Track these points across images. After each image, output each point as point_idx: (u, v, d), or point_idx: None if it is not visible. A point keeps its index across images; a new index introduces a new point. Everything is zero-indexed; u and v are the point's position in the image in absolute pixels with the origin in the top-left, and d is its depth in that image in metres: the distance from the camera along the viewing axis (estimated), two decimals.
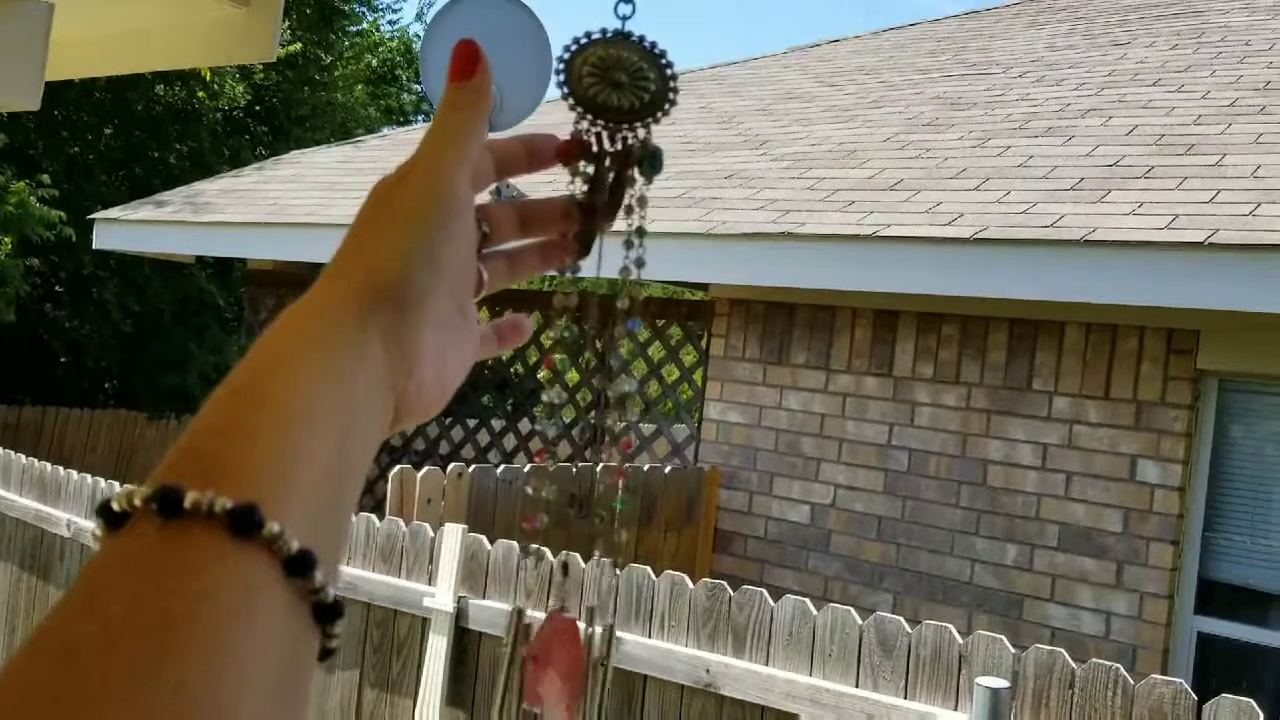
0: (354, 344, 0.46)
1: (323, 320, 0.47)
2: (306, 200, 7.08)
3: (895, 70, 7.43)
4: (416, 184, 0.52)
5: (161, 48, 1.95)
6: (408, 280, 0.49)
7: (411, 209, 0.51)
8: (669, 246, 5.08)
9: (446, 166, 0.53)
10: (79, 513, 5.09)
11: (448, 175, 0.53)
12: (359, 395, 0.46)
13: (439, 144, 0.54)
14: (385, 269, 0.49)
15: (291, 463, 0.42)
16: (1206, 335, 4.51)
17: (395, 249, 0.50)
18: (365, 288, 0.48)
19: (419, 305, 0.49)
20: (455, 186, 0.53)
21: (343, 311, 0.47)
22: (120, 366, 12.69)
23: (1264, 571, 4.55)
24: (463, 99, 0.55)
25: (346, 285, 0.48)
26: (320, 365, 0.45)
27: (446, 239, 0.51)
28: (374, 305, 0.48)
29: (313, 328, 0.47)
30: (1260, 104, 5.17)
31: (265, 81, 14.02)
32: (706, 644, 3.27)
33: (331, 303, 0.48)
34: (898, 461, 5.16)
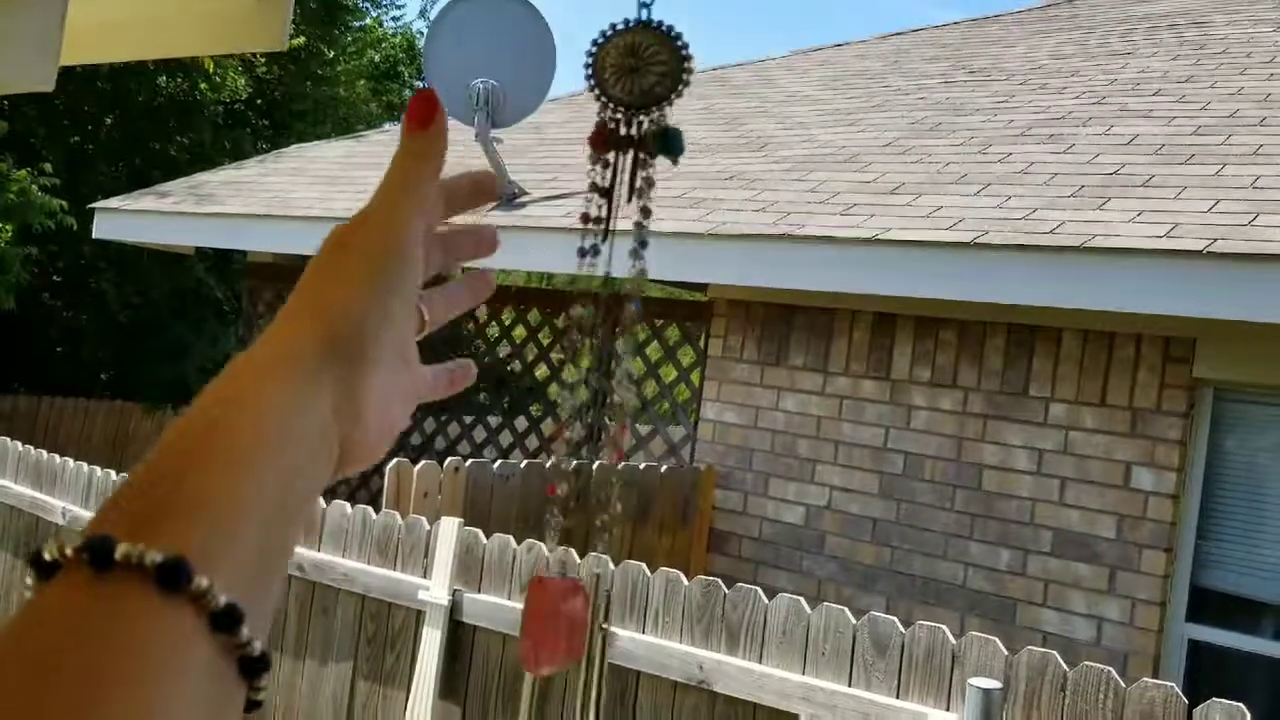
0: (310, 388, 0.48)
1: (285, 359, 0.48)
2: (308, 194, 7.09)
3: (898, 75, 7.45)
4: (372, 234, 0.53)
5: (172, 35, 1.96)
6: (362, 333, 0.50)
7: (367, 260, 0.52)
8: (669, 246, 5.09)
9: (402, 217, 0.54)
10: (75, 501, 5.10)
11: (402, 226, 0.53)
12: (311, 440, 0.47)
13: (396, 193, 0.55)
14: (342, 320, 0.50)
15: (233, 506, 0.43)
16: (1203, 344, 4.53)
17: (352, 300, 0.50)
18: (323, 336, 0.49)
19: (371, 359, 0.50)
20: (409, 238, 0.53)
21: (303, 355, 0.49)
22: (117, 357, 12.68)
23: (1256, 580, 4.57)
24: (419, 147, 0.56)
25: (306, 330, 0.50)
26: (279, 398, 0.47)
27: (399, 291, 0.52)
28: (330, 355, 0.49)
29: (275, 364, 0.48)
30: (1260, 116, 5.19)
31: (267, 75, 14.02)
32: (701, 641, 3.28)
33: (293, 345, 0.49)
34: (893, 464, 5.17)
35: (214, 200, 7.38)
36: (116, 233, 7.86)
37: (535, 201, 5.96)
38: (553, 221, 5.58)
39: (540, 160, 6.71)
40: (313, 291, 0.51)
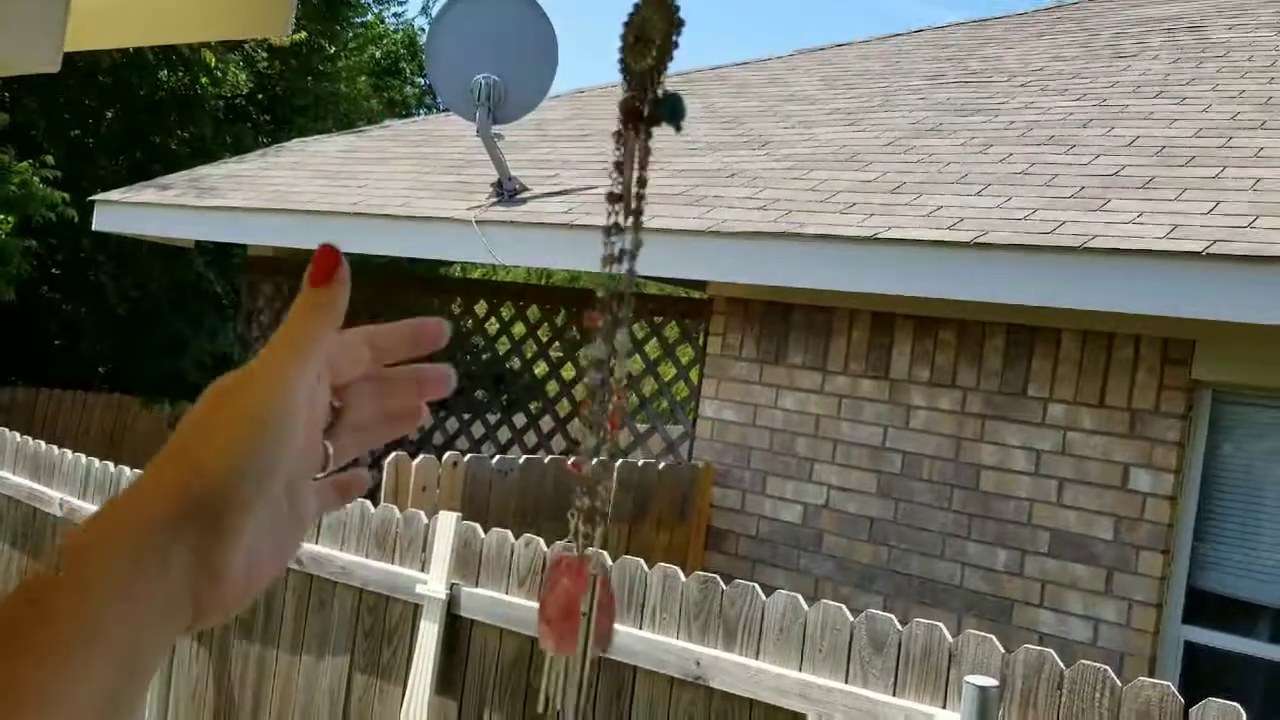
0: (157, 560, 0.47)
1: (134, 528, 0.48)
2: (309, 188, 7.09)
3: (900, 75, 7.46)
4: (254, 391, 0.52)
5: (176, 21, 1.96)
6: (229, 495, 0.49)
7: (245, 418, 0.51)
8: (668, 243, 5.09)
9: (288, 375, 0.53)
10: (72, 493, 5.09)
11: (288, 384, 0.52)
12: (153, 612, 0.47)
13: (285, 350, 0.54)
14: (205, 484, 0.49)
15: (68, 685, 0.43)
16: (1202, 346, 4.53)
17: (219, 464, 0.50)
18: (184, 497, 0.49)
19: (236, 521, 0.50)
20: (293, 395, 0.52)
21: (156, 520, 0.48)
22: (115, 351, 12.67)
23: (1253, 582, 4.58)
24: (316, 300, 0.56)
25: (167, 489, 0.49)
26: (111, 584, 0.46)
27: (278, 447, 0.51)
28: (188, 518, 0.48)
29: (122, 534, 0.48)
30: (1261, 119, 5.20)
31: (269, 70, 14.02)
32: (698, 637, 3.28)
33: (148, 509, 0.48)
34: (891, 464, 5.18)
35: (214, 193, 7.38)
36: (116, 225, 7.86)
37: (535, 197, 5.96)
38: (553, 218, 5.58)
39: (542, 157, 6.71)
40: (182, 450, 0.50)
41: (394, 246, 6.55)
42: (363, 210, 6.32)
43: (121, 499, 0.49)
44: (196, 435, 0.51)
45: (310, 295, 0.56)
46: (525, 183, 6.14)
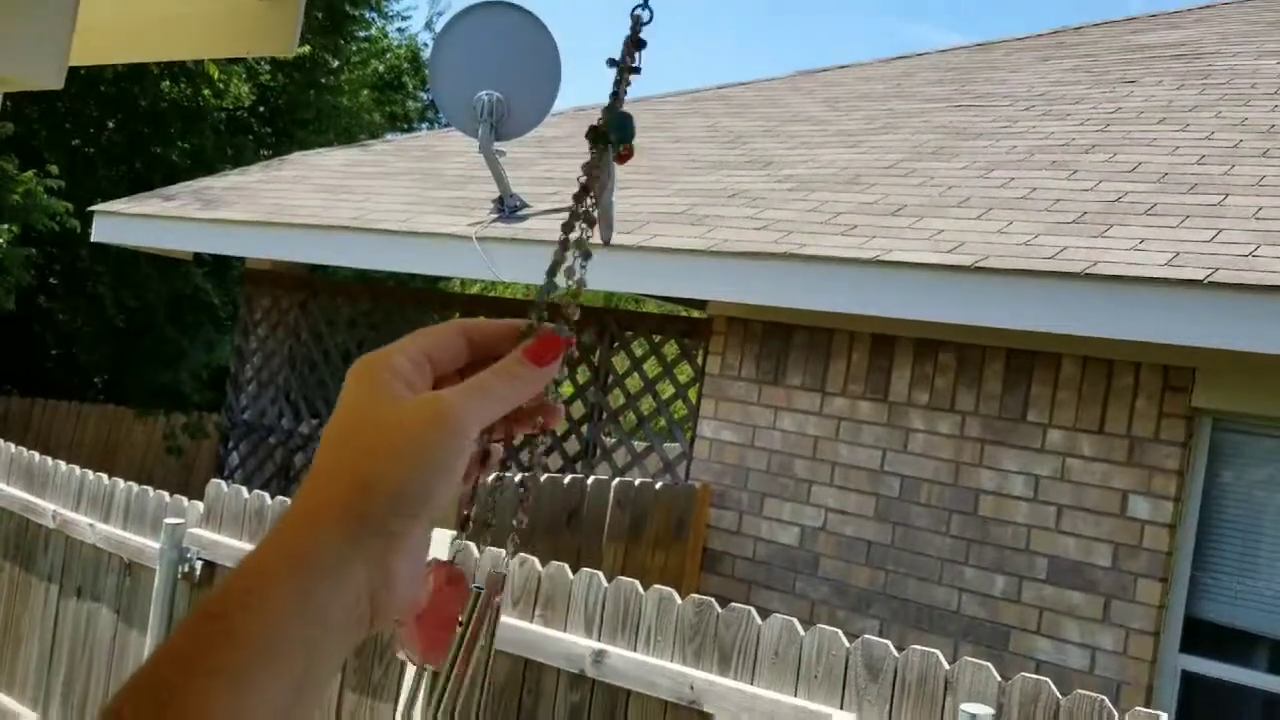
0: (335, 570, 0.49)
1: (308, 549, 0.49)
2: (310, 201, 7.08)
3: (902, 98, 7.47)
4: (432, 433, 0.53)
5: (181, 37, 1.95)
6: (399, 514, 0.51)
7: (419, 454, 0.52)
8: (669, 262, 5.09)
9: (463, 429, 0.54)
10: (65, 504, 5.07)
11: (463, 437, 0.54)
12: (332, 624, 0.49)
13: (474, 404, 0.55)
14: (379, 497, 0.51)
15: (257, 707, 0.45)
16: (1202, 374, 4.52)
17: (393, 479, 0.51)
18: (357, 511, 0.50)
19: (406, 535, 0.52)
20: (464, 446, 0.54)
21: (330, 534, 0.50)
22: (111, 361, 12.64)
23: (1251, 612, 4.56)
24: (522, 374, 0.57)
25: (337, 504, 0.51)
26: (296, 599, 0.48)
27: (441, 484, 0.53)
28: (362, 531, 0.50)
29: (297, 555, 0.49)
30: (1264, 147, 5.20)
31: (271, 83, 14.04)
32: (692, 661, 3.26)
33: (321, 529, 0.50)
34: (889, 487, 5.16)
35: (213, 206, 7.37)
36: (114, 236, 7.85)
37: (536, 214, 5.96)
38: (553, 235, 5.55)
39: (543, 174, 6.71)
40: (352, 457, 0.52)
41: (394, 261, 6.54)
42: (363, 224, 6.31)
43: (297, 515, 0.51)
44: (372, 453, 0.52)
45: (521, 365, 0.58)
46: (526, 199, 6.13)
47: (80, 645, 4.86)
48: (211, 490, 4.49)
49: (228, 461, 7.61)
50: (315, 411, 7.44)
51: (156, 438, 11.86)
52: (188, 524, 4.46)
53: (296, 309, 7.60)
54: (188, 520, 4.48)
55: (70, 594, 4.95)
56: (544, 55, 6.16)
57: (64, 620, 4.97)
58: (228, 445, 7.71)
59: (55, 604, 5.02)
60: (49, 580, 5.07)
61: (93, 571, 4.86)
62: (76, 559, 4.94)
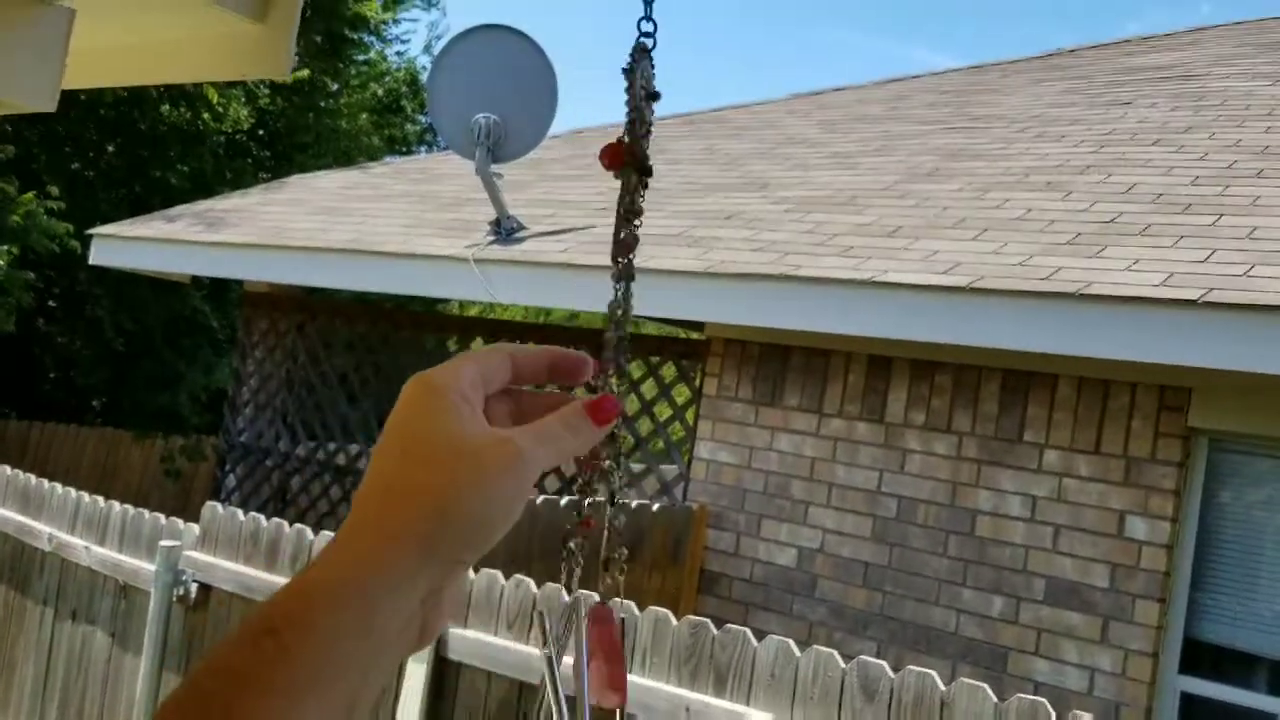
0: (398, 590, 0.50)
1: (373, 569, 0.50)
2: (307, 224, 7.10)
3: (897, 120, 7.50)
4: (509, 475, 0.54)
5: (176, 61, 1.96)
6: (470, 545, 0.52)
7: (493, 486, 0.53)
8: (666, 283, 5.10)
9: (532, 474, 0.55)
10: (61, 527, 5.05)
11: (530, 480, 0.55)
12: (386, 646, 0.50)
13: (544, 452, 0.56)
14: (456, 527, 0.52)
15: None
16: (1198, 393, 4.52)
17: (471, 512, 0.52)
18: (434, 539, 0.51)
19: (467, 565, 0.54)
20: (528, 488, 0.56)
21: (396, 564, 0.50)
22: (109, 384, 12.64)
23: (1250, 632, 4.54)
24: (580, 427, 0.59)
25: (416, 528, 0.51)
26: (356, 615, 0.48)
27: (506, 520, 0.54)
28: (431, 558, 0.51)
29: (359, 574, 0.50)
30: (1258, 167, 5.22)
31: (270, 106, 14.09)
32: (688, 682, 3.25)
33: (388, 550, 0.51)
34: (886, 508, 5.15)
35: (212, 228, 7.39)
36: (113, 259, 7.86)
37: (534, 236, 5.97)
38: (551, 257, 5.58)
39: (540, 196, 6.73)
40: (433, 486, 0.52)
41: (391, 283, 6.55)
42: (360, 247, 6.33)
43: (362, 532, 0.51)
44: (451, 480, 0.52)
45: (582, 419, 0.59)
46: (523, 221, 6.15)
47: (75, 669, 4.84)
48: (207, 513, 4.48)
49: (225, 484, 7.60)
50: (313, 434, 7.43)
51: (154, 460, 11.85)
52: (183, 546, 4.45)
53: (294, 331, 7.60)
54: (183, 543, 4.47)
55: (65, 617, 4.93)
56: (541, 79, 6.19)
57: (59, 643, 4.95)
58: (225, 468, 7.70)
59: (50, 627, 5.00)
60: (44, 603, 5.06)
61: (88, 594, 4.84)
62: (72, 582, 4.93)
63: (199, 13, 1.71)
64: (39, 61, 1.36)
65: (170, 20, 1.77)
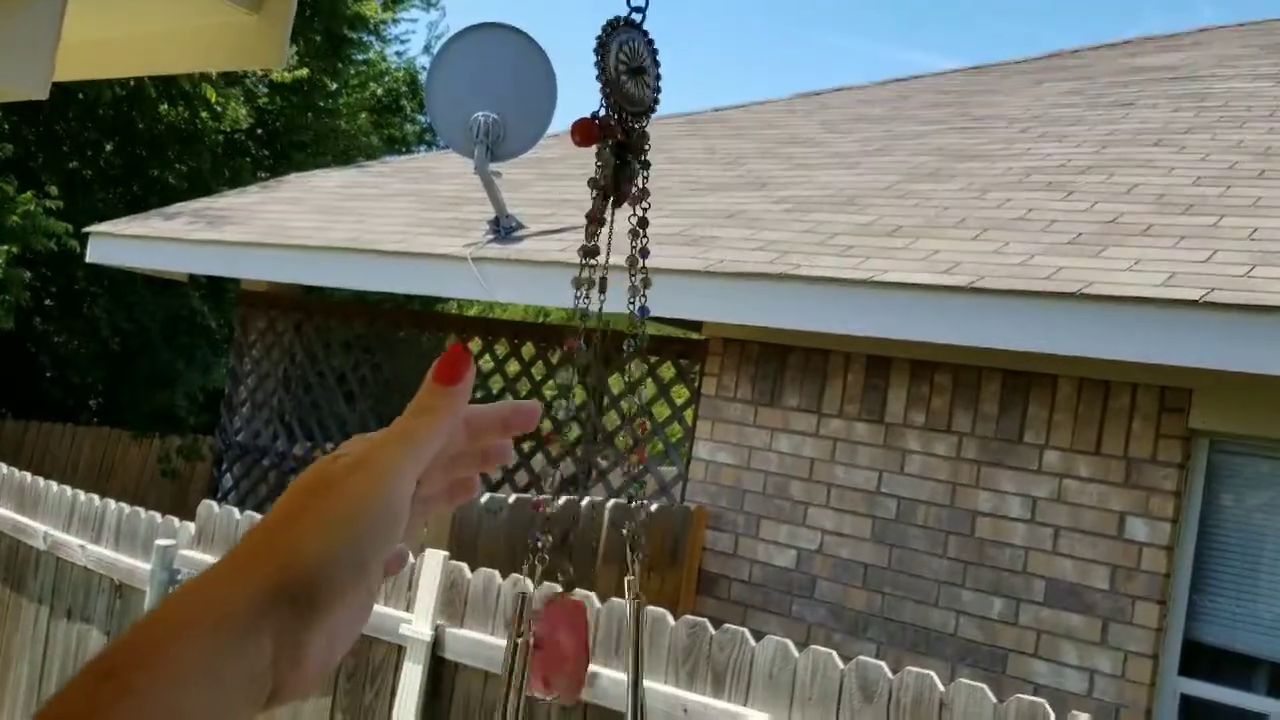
0: (238, 641, 0.46)
1: (218, 608, 0.47)
2: (306, 223, 7.08)
3: (898, 120, 7.48)
4: (360, 487, 0.51)
5: (170, 52, 1.94)
6: (323, 585, 0.49)
7: (348, 514, 0.50)
8: (665, 282, 5.06)
9: (396, 474, 0.52)
10: (57, 525, 5.03)
11: (395, 484, 0.52)
12: (234, 694, 0.46)
13: (398, 449, 0.53)
14: (302, 569, 0.48)
15: None
16: (1199, 394, 4.51)
17: (319, 551, 0.49)
18: (274, 584, 0.48)
19: (324, 608, 0.49)
20: (400, 496, 0.52)
21: (241, 603, 0.47)
22: (106, 383, 12.62)
23: (1250, 634, 4.52)
24: (440, 404, 0.55)
25: (255, 575, 0.48)
26: (196, 662, 0.45)
27: (376, 548, 0.51)
28: (276, 603, 0.47)
29: (205, 614, 0.46)
30: (1260, 168, 5.20)
31: (269, 106, 14.07)
32: (685, 683, 3.23)
33: (233, 590, 0.48)
34: (886, 509, 5.13)
35: (210, 226, 7.37)
36: (109, 257, 7.84)
37: (532, 235, 5.95)
38: (550, 255, 5.56)
39: (539, 195, 6.71)
40: (280, 529, 0.50)
41: (389, 282, 6.53)
42: (359, 245, 6.31)
43: (210, 577, 0.48)
44: (292, 519, 0.50)
45: (435, 393, 0.55)
46: (522, 220, 6.13)
47: (70, 667, 4.82)
48: (203, 511, 4.46)
49: (221, 483, 7.58)
50: (309, 434, 7.41)
51: (151, 460, 11.83)
52: (179, 545, 4.43)
53: (292, 330, 7.58)
54: (179, 541, 4.45)
55: (61, 616, 4.91)
56: (540, 77, 6.17)
57: (54, 642, 4.92)
58: (221, 467, 7.68)
59: (46, 626, 4.98)
60: (39, 602, 5.03)
61: (83, 593, 4.82)
62: (67, 580, 4.91)
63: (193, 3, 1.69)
64: (31, 48, 1.34)
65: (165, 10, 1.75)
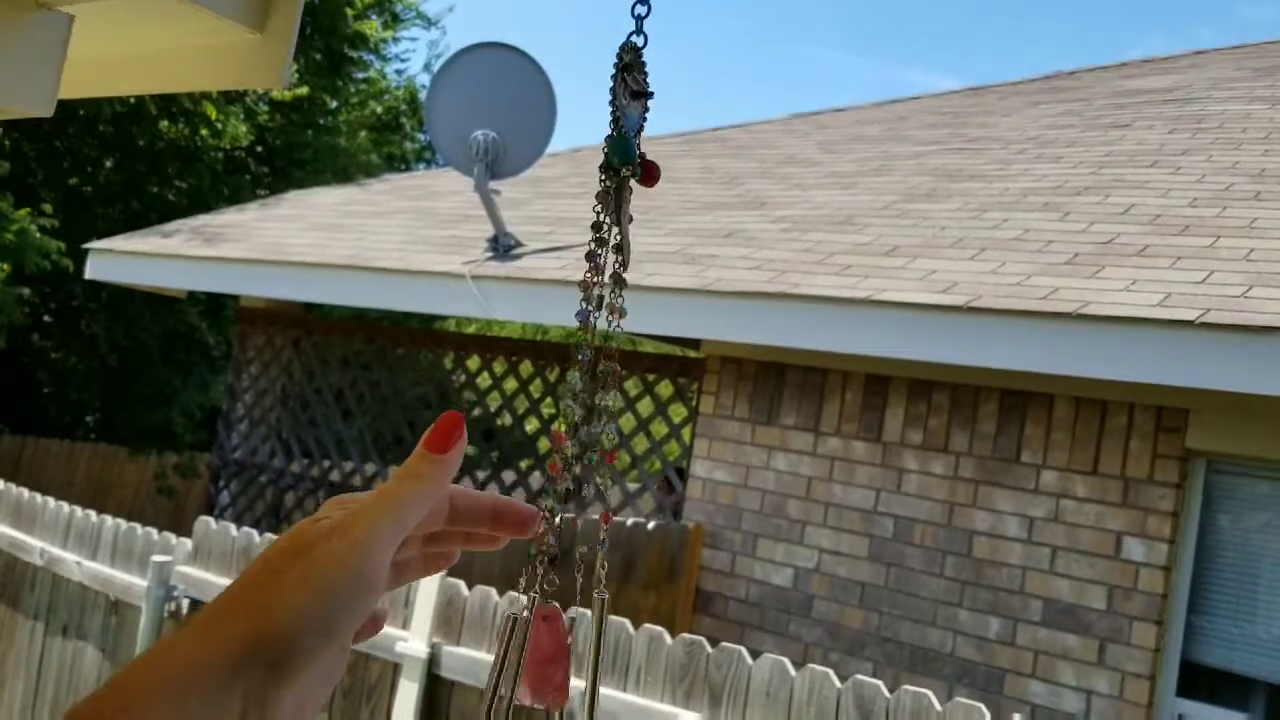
0: (209, 703, 0.46)
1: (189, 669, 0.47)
2: (304, 240, 7.09)
3: (896, 140, 7.51)
4: (338, 551, 0.50)
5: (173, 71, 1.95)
6: (295, 647, 0.49)
7: (324, 578, 0.50)
8: (663, 300, 5.09)
9: (375, 541, 0.51)
10: (53, 541, 5.02)
11: (374, 551, 0.51)
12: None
13: (384, 511, 0.52)
14: (276, 630, 0.48)
15: None
16: (1196, 415, 4.51)
17: (293, 612, 0.49)
18: (247, 643, 0.48)
19: (295, 670, 0.49)
20: (378, 564, 0.51)
21: (212, 664, 0.47)
22: (104, 400, 12.61)
23: (1248, 655, 4.52)
24: (428, 471, 0.55)
25: (229, 634, 0.48)
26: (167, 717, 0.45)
27: (350, 612, 0.50)
28: (249, 662, 0.47)
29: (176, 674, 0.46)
30: (1255, 190, 5.23)
31: (269, 123, 14.11)
32: (682, 701, 3.22)
33: (206, 649, 0.47)
34: (883, 528, 5.13)
35: (209, 243, 7.38)
36: (108, 273, 7.85)
37: (531, 253, 5.97)
38: (548, 274, 5.58)
39: (538, 213, 6.73)
40: (255, 590, 0.49)
41: (388, 299, 6.54)
42: (357, 263, 6.32)
43: (184, 635, 0.48)
44: (273, 579, 0.50)
45: (424, 459, 0.55)
46: (521, 238, 6.14)
47: (65, 685, 4.80)
48: (199, 528, 4.45)
49: (218, 500, 7.57)
50: (306, 451, 7.40)
51: (148, 477, 11.81)
52: (175, 562, 4.42)
53: (290, 347, 7.59)
54: (175, 558, 4.44)
55: (56, 632, 4.90)
56: (540, 96, 6.20)
57: (49, 659, 4.91)
58: (218, 484, 7.67)
59: (41, 642, 4.96)
60: (35, 618, 5.02)
61: (79, 610, 4.81)
62: (63, 597, 4.90)
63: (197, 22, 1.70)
64: (37, 67, 1.35)
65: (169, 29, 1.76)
